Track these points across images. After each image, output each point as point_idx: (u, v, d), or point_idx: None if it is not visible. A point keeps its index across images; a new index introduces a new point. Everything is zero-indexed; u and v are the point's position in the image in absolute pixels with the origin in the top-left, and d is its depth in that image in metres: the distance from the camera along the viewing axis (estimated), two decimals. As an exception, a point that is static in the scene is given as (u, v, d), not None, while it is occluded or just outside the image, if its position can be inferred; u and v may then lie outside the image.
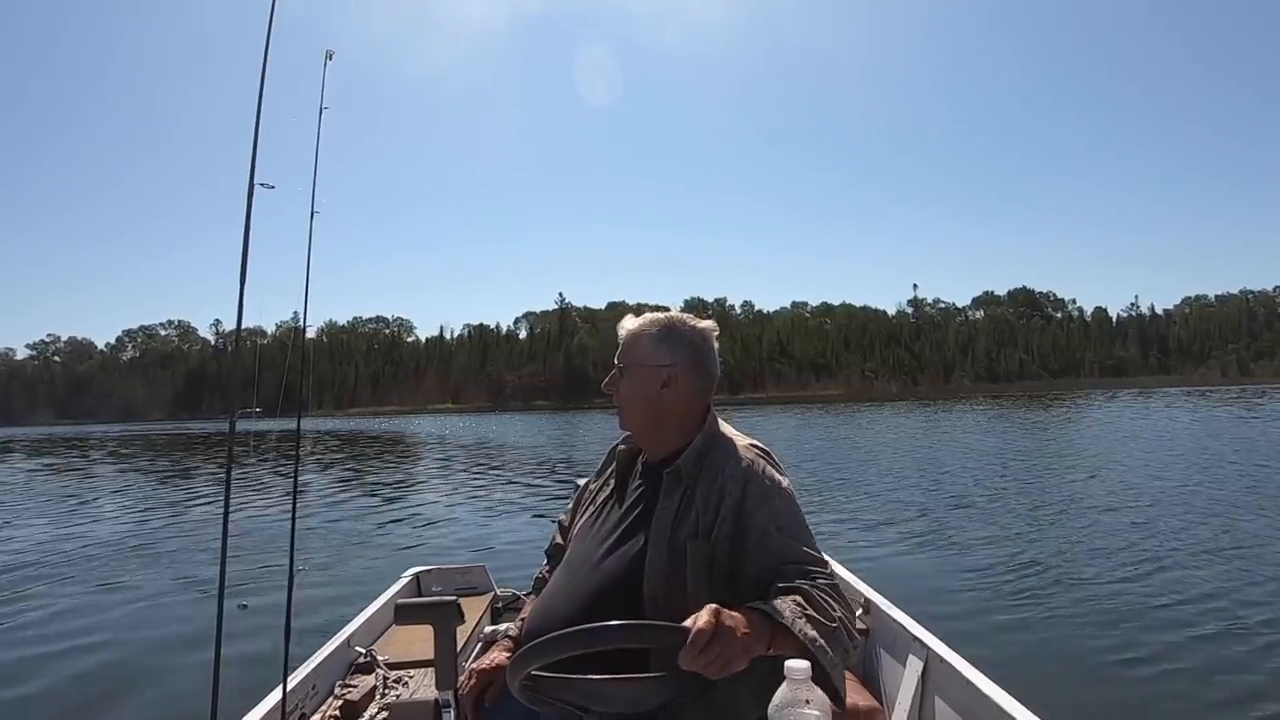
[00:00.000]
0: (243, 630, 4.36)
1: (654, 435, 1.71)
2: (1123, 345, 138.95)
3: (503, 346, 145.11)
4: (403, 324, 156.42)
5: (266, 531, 9.22)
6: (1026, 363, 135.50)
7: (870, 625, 2.85)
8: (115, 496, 15.49)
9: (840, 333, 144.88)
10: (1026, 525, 8.69)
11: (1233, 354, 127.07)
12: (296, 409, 2.60)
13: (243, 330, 2.26)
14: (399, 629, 3.08)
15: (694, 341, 1.70)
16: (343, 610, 4.73)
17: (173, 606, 6.43)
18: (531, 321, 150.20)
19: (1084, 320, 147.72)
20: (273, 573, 6.62)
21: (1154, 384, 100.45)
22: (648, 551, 1.56)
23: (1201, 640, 4.78)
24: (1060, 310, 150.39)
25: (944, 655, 2.37)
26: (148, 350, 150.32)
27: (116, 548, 9.30)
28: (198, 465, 24.03)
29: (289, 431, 2.40)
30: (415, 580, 3.67)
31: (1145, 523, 8.49)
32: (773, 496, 1.56)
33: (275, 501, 12.32)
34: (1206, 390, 70.28)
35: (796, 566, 1.48)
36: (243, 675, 3.86)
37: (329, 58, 2.50)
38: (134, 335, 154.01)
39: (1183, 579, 6.16)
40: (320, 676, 2.67)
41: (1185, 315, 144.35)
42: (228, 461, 2.35)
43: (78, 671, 4.99)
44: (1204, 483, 11.48)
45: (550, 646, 1.30)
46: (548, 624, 1.53)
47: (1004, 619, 5.37)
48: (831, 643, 1.35)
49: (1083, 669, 4.42)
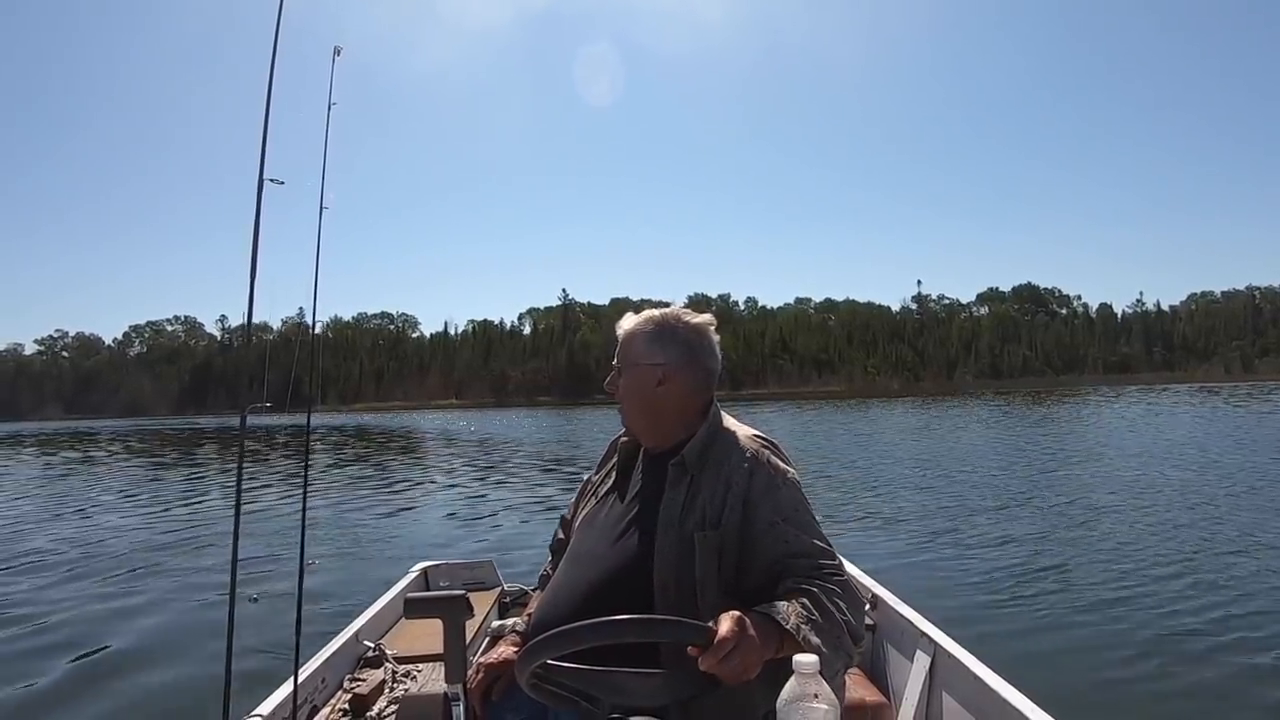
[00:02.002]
0: (254, 623, 4.42)
1: (654, 431, 1.73)
2: (1127, 342, 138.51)
3: (506, 343, 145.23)
4: (407, 320, 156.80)
5: (277, 525, 9.28)
6: (1030, 359, 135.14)
7: (877, 621, 2.85)
8: (126, 491, 15.56)
9: (844, 329, 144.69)
10: (1034, 523, 8.68)
11: (1236, 350, 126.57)
12: (306, 405, 2.62)
13: (251, 326, 2.27)
14: (408, 623, 3.09)
15: (688, 339, 1.71)
16: (352, 604, 4.77)
17: (185, 599, 6.48)
18: (535, 317, 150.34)
19: (1089, 317, 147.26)
20: (283, 566, 6.67)
21: (1157, 381, 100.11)
22: (656, 542, 1.57)
23: (1212, 639, 4.76)
24: (1065, 307, 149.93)
25: (951, 651, 2.38)
26: (155, 346, 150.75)
27: (129, 541, 9.35)
28: (207, 460, 24.12)
29: (297, 427, 2.42)
30: (423, 575, 3.69)
31: (1155, 522, 8.45)
32: (779, 487, 1.57)
33: (285, 495, 12.39)
34: (1215, 387, 69.95)
35: (807, 560, 1.49)
36: (254, 666, 3.89)
37: (337, 54, 2.51)
38: (141, 331, 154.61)
39: (1194, 579, 6.13)
40: (330, 669, 2.68)
41: (1191, 312, 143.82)
42: (239, 456, 2.37)
43: (92, 661, 5.04)
44: (1216, 482, 11.44)
45: (567, 638, 1.29)
46: (554, 617, 1.54)
47: (1012, 615, 5.37)
48: (834, 648, 1.37)
49: (1091, 666, 4.41)
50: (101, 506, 13.11)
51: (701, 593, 1.51)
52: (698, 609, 1.46)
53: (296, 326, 6.93)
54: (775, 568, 1.49)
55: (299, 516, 2.55)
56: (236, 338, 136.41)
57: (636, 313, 1.79)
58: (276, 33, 2.16)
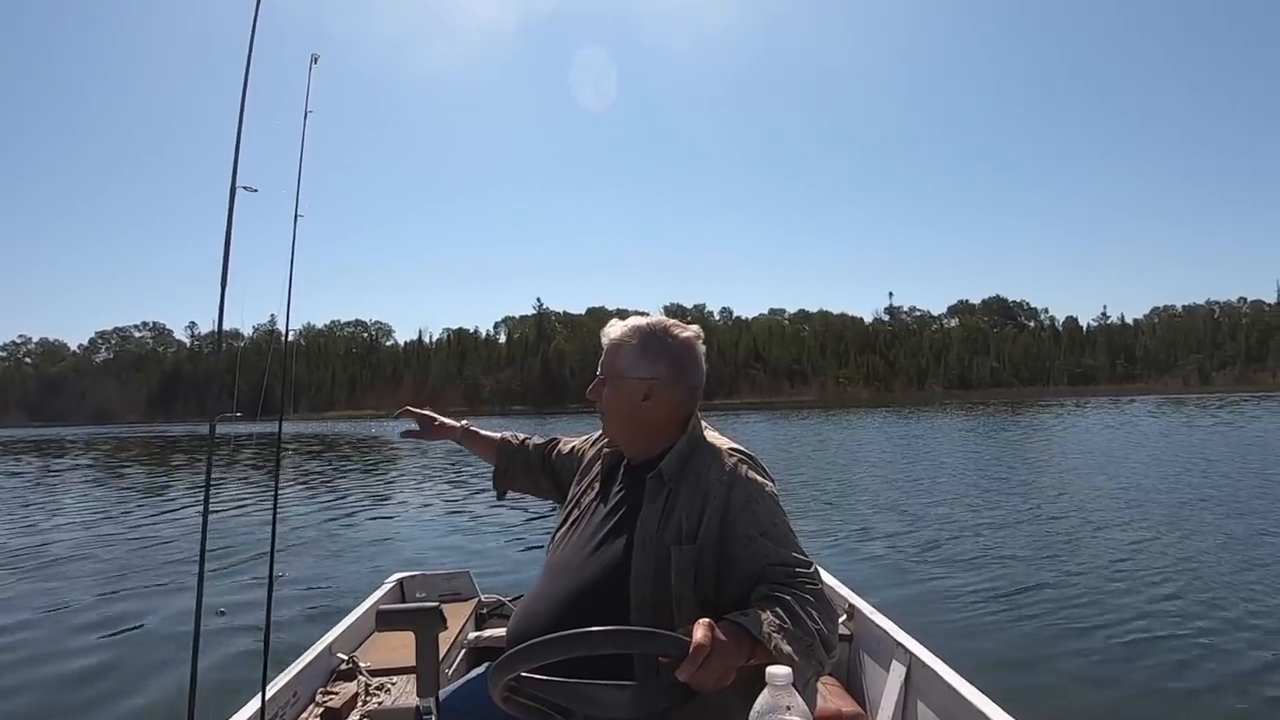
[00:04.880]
0: (222, 636, 4.33)
1: (636, 443, 1.72)
2: (1091, 354, 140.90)
3: (481, 351, 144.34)
4: (381, 327, 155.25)
5: (246, 536, 9.11)
6: (998, 370, 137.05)
7: (854, 630, 2.87)
8: (89, 500, 15.20)
9: (817, 340, 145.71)
10: (1009, 533, 8.77)
11: (1195, 363, 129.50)
12: (278, 413, 2.58)
13: (222, 334, 2.23)
14: (381, 635, 3.05)
15: (676, 353, 1.70)
16: (326, 616, 4.69)
17: (150, 612, 6.28)
18: (510, 326, 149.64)
19: (1055, 329, 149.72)
20: (253, 578, 6.55)
21: (1119, 392, 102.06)
22: (633, 556, 1.56)
23: (1183, 647, 4.85)
24: (1033, 319, 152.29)
25: (927, 661, 2.40)
26: (122, 352, 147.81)
27: (91, 552, 9.12)
28: (175, 468, 23.68)
29: (268, 435, 2.38)
30: (399, 586, 3.64)
31: (1126, 531, 8.61)
32: (757, 501, 1.57)
33: (255, 505, 12.18)
34: (1182, 398, 71.44)
35: (783, 569, 1.49)
36: (222, 681, 3.81)
37: (314, 61, 2.50)
38: (108, 337, 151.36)
39: (1164, 587, 6.25)
40: (301, 683, 2.64)
41: (1153, 325, 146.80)
42: (207, 465, 2.32)
43: (49, 679, 4.88)
44: (1184, 489, 11.68)
45: (541, 650, 1.28)
46: (531, 628, 1.53)
47: (986, 625, 5.43)
48: (806, 657, 1.36)
49: (1063, 675, 4.47)
50: (60, 516, 12.76)
51: (678, 606, 1.51)
52: (674, 622, 1.46)
53: (268, 333, 6.87)
54: (752, 580, 1.49)
55: (269, 527, 2.50)
56: (206, 344, 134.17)
57: (621, 319, 1.77)
58: (252, 38, 2.14)
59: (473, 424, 2.26)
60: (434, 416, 2.22)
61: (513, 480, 2.15)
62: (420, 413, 2.22)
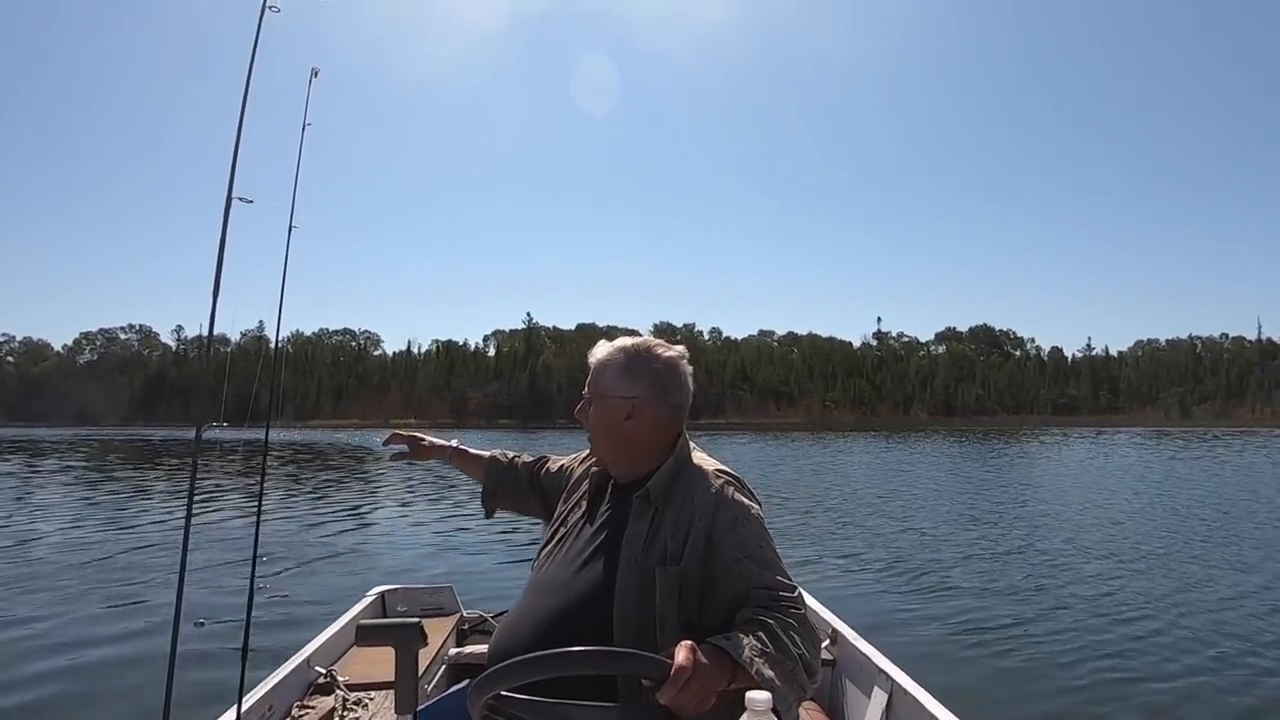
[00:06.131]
0: (200, 648, 4.26)
1: (622, 462, 1.73)
2: (1075, 385, 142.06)
3: (469, 363, 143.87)
4: (370, 337, 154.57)
5: (227, 546, 8.99)
6: (983, 398, 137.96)
7: (836, 656, 2.87)
8: (67, 506, 14.92)
9: (805, 362, 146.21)
10: (990, 560, 8.81)
11: (1176, 397, 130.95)
12: (265, 421, 2.57)
13: (211, 341, 2.23)
14: (360, 650, 3.02)
15: (659, 372, 1.71)
16: (306, 628, 4.64)
17: (126, 623, 6.18)
18: (499, 340, 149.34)
19: (1040, 359, 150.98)
20: (233, 588, 6.45)
21: (1102, 423, 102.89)
22: (618, 576, 1.56)
23: (1163, 673, 4.91)
24: (1019, 348, 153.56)
25: (908, 688, 2.40)
26: (107, 354, 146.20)
27: (66, 560, 8.95)
28: (157, 475, 23.38)
29: (253, 443, 2.36)
30: (380, 599, 3.61)
31: (1109, 562, 8.66)
32: (743, 523, 1.57)
33: (237, 515, 12.04)
34: (1166, 431, 72.07)
35: (767, 592, 1.49)
36: (198, 693, 3.76)
37: (314, 75, 2.52)
38: (92, 338, 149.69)
39: (1143, 614, 6.33)
40: (277, 697, 2.61)
41: (1137, 358, 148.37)
42: (191, 473, 2.31)
43: (21, 692, 4.75)
44: (1165, 520, 11.78)
45: (522, 669, 1.27)
46: (513, 645, 1.52)
47: (969, 653, 5.44)
48: (788, 681, 1.35)
49: (1043, 706, 4.48)
50: (37, 521, 12.52)
51: (661, 627, 1.50)
52: (657, 643, 1.45)
53: (256, 340, 6.75)
54: (736, 603, 1.49)
55: (250, 537, 2.49)
56: (192, 349, 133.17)
57: (609, 339, 1.78)
58: (254, 53, 2.16)
59: (461, 443, 2.26)
60: (422, 438, 2.23)
61: (501, 499, 2.15)
62: (408, 434, 2.24)
